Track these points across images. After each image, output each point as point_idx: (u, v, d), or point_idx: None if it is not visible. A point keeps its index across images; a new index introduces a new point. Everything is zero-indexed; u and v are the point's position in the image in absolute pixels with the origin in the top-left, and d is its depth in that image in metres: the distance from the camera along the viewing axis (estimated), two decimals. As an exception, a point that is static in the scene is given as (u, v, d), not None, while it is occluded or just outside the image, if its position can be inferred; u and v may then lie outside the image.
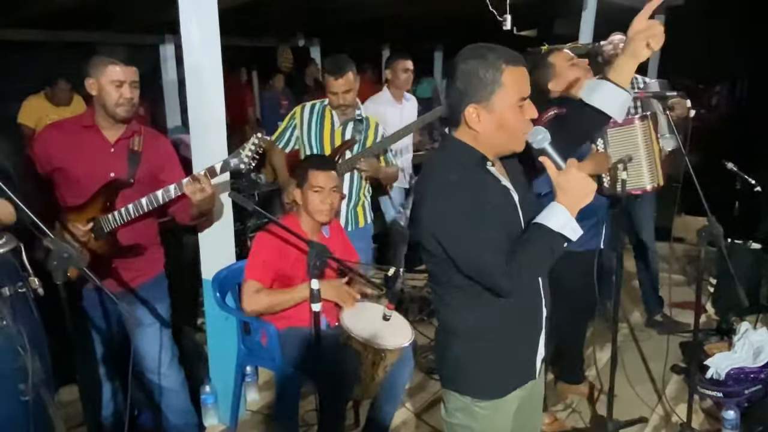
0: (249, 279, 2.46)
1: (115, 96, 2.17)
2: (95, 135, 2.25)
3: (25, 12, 4.65)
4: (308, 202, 2.49)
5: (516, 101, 1.43)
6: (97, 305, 2.37)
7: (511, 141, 1.48)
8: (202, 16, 2.46)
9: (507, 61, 1.42)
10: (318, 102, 3.15)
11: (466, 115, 1.45)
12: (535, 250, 1.40)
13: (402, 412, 2.91)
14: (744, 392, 2.83)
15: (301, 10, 5.53)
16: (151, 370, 2.44)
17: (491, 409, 1.59)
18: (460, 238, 1.43)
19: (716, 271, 4.03)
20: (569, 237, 1.38)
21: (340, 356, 2.27)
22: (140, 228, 2.31)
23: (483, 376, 1.58)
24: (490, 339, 1.55)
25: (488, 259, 1.40)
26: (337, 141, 3.07)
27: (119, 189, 2.23)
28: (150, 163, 2.30)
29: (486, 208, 1.43)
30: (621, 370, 2.95)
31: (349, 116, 3.09)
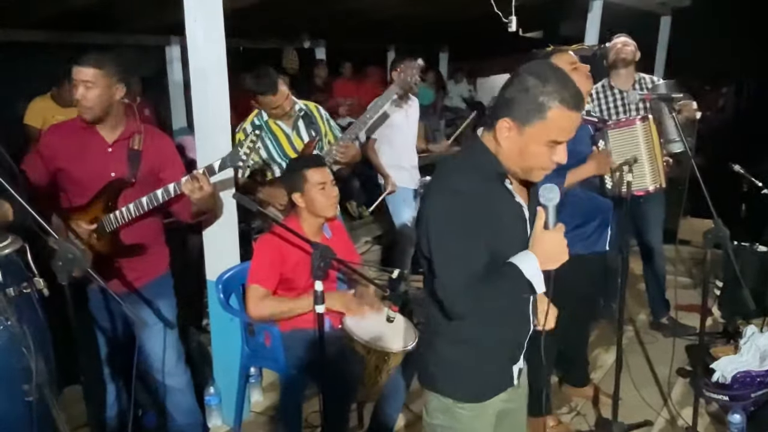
0: (253, 283, 2.45)
1: (77, 97, 2.17)
2: (93, 135, 2.25)
3: (32, 14, 4.68)
4: (314, 201, 2.48)
5: (549, 140, 1.40)
6: (101, 306, 2.38)
7: (525, 171, 1.46)
8: (207, 18, 2.47)
9: (562, 100, 1.37)
10: (254, 118, 3.09)
11: (500, 125, 1.43)
12: (500, 286, 1.42)
13: (406, 414, 2.91)
14: (750, 396, 2.82)
15: (307, 12, 5.53)
16: (157, 370, 2.45)
17: (472, 411, 1.60)
18: (440, 243, 1.43)
19: (723, 273, 4.01)
20: (534, 287, 1.39)
21: (344, 358, 2.27)
22: (143, 227, 2.32)
23: (464, 380, 1.59)
24: (472, 343, 1.56)
25: (452, 273, 1.41)
26: (299, 145, 3.04)
27: (121, 189, 2.24)
28: (151, 162, 2.30)
29: (485, 222, 1.42)
30: (626, 373, 2.94)
31: (293, 116, 3.05)
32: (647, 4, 5.87)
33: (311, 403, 2.75)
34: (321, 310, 1.94)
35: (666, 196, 3.49)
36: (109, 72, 2.16)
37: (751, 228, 4.02)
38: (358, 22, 6.08)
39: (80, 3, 4.30)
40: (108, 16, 4.98)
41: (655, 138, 2.64)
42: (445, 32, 7.82)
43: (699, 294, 2.44)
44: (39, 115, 4.88)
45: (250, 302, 2.45)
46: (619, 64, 3.52)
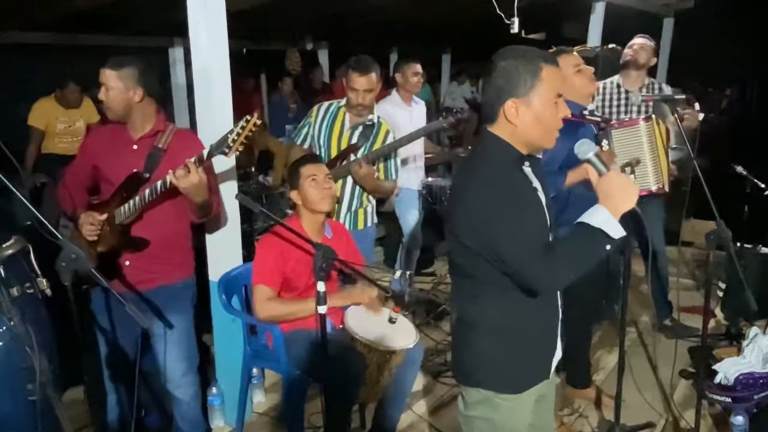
0: (259, 284, 2.45)
1: (99, 97, 2.28)
2: (121, 133, 2.34)
3: (36, 15, 4.70)
4: (307, 195, 2.50)
5: (552, 97, 1.51)
6: (104, 307, 2.38)
7: (545, 136, 1.55)
8: (210, 20, 2.47)
9: (545, 60, 1.50)
10: (335, 102, 3.18)
11: (506, 108, 1.51)
12: (575, 246, 1.45)
13: (408, 415, 2.91)
14: (753, 397, 2.81)
15: (310, 14, 5.55)
16: (164, 378, 2.43)
17: (512, 401, 1.63)
18: (500, 231, 1.46)
19: (725, 275, 4.00)
20: (610, 234, 1.41)
21: (346, 358, 2.27)
22: (161, 227, 2.32)
23: (505, 370, 1.62)
24: (512, 335, 1.60)
25: (527, 253, 1.44)
26: (344, 143, 3.08)
27: (137, 184, 2.26)
28: (173, 161, 2.27)
29: (521, 206, 1.49)
30: (629, 374, 2.94)
31: (361, 120, 3.08)
32: (650, 5, 5.87)
33: (313, 404, 2.75)
34: (323, 310, 1.94)
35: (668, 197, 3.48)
36: (126, 75, 2.23)
37: (754, 229, 4.01)
38: (361, 24, 6.10)
39: (84, 5, 4.32)
40: (111, 18, 5.00)
41: (659, 138, 2.63)
42: (447, 34, 7.83)
43: (702, 296, 2.43)
44: (42, 117, 4.91)
45: (257, 303, 2.45)
46: (630, 65, 3.55)
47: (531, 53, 1.52)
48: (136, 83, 2.24)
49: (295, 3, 4.68)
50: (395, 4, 5.09)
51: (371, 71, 2.98)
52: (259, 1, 4.40)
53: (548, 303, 1.65)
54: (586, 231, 1.43)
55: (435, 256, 5.11)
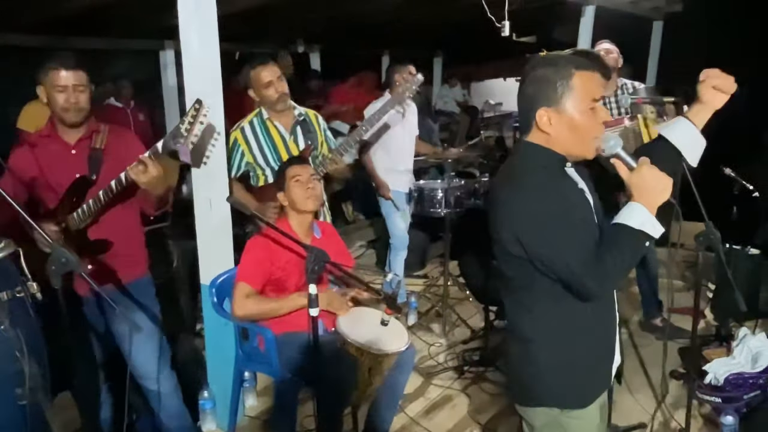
0: (240, 281, 2.46)
1: (60, 101, 2.17)
2: (55, 141, 2.28)
3: (26, 18, 4.67)
4: (291, 196, 2.52)
5: (587, 104, 1.46)
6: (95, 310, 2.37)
7: (583, 144, 1.49)
8: (201, 23, 2.47)
9: (577, 66, 1.45)
10: (254, 118, 3.00)
11: (537, 118, 1.48)
12: (620, 251, 1.40)
13: (401, 417, 2.91)
14: (743, 398, 2.83)
15: (301, 17, 5.55)
16: (139, 375, 2.42)
17: (581, 418, 1.56)
18: (547, 239, 1.43)
19: (715, 276, 4.03)
20: (651, 234, 1.39)
21: (338, 361, 2.27)
22: (115, 227, 2.30)
23: (569, 384, 1.55)
24: (572, 345, 1.54)
25: (576, 260, 1.40)
26: (293, 151, 2.98)
27: (85, 188, 2.23)
28: (114, 160, 2.28)
29: (569, 209, 1.45)
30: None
31: (290, 119, 3.00)
32: (639, 9, 5.91)
33: (305, 407, 2.74)
34: (315, 313, 1.94)
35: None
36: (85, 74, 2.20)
37: (743, 231, 4.04)
38: (353, 27, 6.10)
39: (74, 7, 4.30)
40: (102, 21, 4.98)
41: (645, 137, 2.65)
42: (438, 37, 7.85)
43: (692, 297, 2.45)
44: (32, 120, 4.87)
45: (235, 300, 2.47)
46: None
47: (563, 60, 1.48)
48: (89, 81, 2.22)
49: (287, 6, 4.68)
50: (387, 7, 5.10)
51: (267, 61, 2.93)
52: (250, 4, 4.40)
53: (606, 308, 1.59)
54: (628, 234, 1.40)
55: (427, 259, 5.12)
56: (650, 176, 1.40)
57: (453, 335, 3.80)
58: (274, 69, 2.91)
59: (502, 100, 9.21)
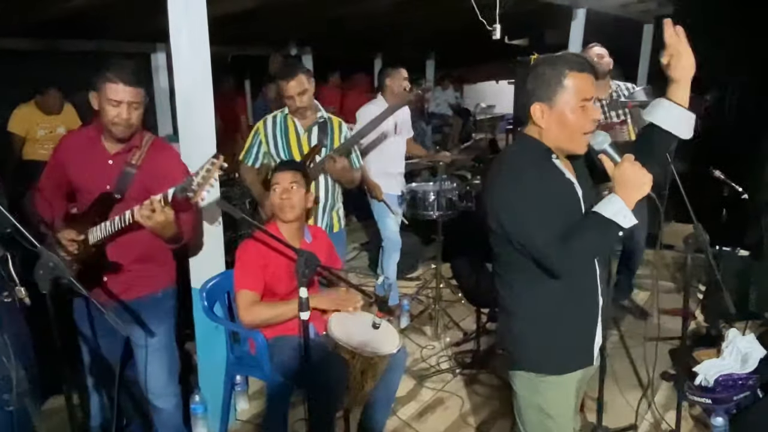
0: (242, 289, 2.45)
1: (111, 114, 2.12)
2: (97, 146, 2.24)
3: (16, 21, 4.65)
4: (272, 202, 2.53)
5: (577, 102, 1.58)
6: (84, 315, 2.35)
7: (573, 139, 1.62)
8: (191, 26, 2.47)
9: (571, 67, 1.58)
10: (279, 113, 3.14)
11: (532, 111, 1.62)
12: (587, 235, 1.54)
13: (393, 420, 2.91)
14: (733, 399, 2.85)
15: (293, 19, 5.55)
16: (148, 390, 2.39)
17: (557, 384, 1.71)
18: (519, 219, 1.58)
19: (705, 278, 4.06)
20: (621, 224, 1.50)
21: (329, 365, 2.27)
22: (135, 242, 2.24)
23: (545, 352, 1.70)
24: (547, 320, 1.68)
25: (542, 240, 1.54)
26: (305, 148, 3.07)
27: (110, 203, 2.20)
28: (145, 179, 2.23)
29: (547, 194, 1.57)
30: (610, 377, 2.96)
31: (311, 120, 3.08)
32: (630, 12, 5.95)
33: (297, 411, 2.74)
34: (306, 316, 1.94)
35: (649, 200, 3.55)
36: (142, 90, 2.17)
37: (732, 232, 4.07)
38: (345, 30, 6.11)
39: (65, 10, 4.28)
40: (93, 24, 4.96)
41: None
42: (431, 40, 7.87)
43: (682, 298, 2.46)
44: (22, 123, 4.85)
45: (242, 309, 2.44)
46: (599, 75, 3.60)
47: (560, 60, 1.60)
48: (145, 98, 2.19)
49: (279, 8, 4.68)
50: (379, 10, 5.11)
51: (297, 74, 2.96)
52: (242, 7, 4.39)
53: (585, 290, 1.70)
54: (598, 221, 1.52)
55: (419, 261, 5.12)
56: (630, 171, 1.51)
57: (445, 337, 3.81)
58: (297, 84, 2.96)
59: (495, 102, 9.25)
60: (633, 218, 1.51)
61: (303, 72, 2.98)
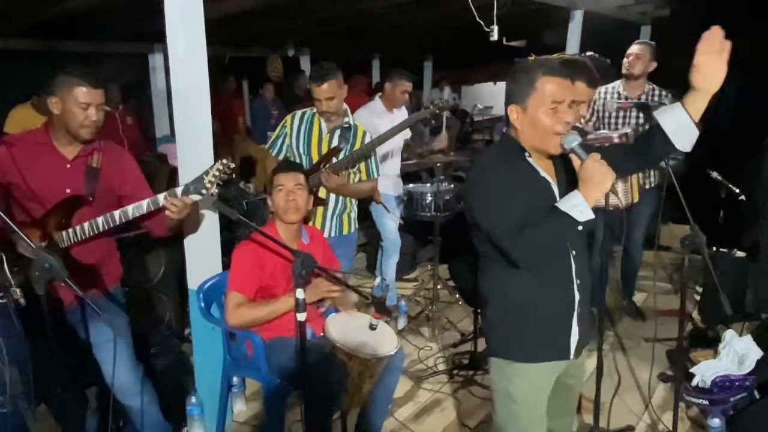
0: (232, 290, 2.45)
1: (80, 118, 2.12)
2: (51, 151, 2.21)
3: (13, 21, 4.64)
4: (275, 204, 2.52)
5: (548, 104, 1.64)
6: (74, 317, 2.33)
7: (545, 139, 1.68)
8: (188, 27, 2.46)
9: (544, 72, 1.65)
10: (308, 110, 3.18)
11: (509, 113, 1.72)
12: (541, 225, 1.59)
13: (390, 422, 2.91)
14: (729, 400, 2.85)
15: (291, 20, 5.55)
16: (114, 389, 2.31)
17: (524, 372, 1.76)
18: (485, 208, 1.67)
19: (702, 279, 4.06)
20: (576, 218, 1.56)
21: (326, 366, 2.27)
22: (95, 244, 2.25)
23: (513, 340, 1.77)
24: (518, 309, 1.75)
25: (501, 229, 1.62)
26: (324, 148, 3.10)
27: (77, 206, 2.18)
28: (109, 180, 2.26)
29: (514, 188, 1.65)
30: (607, 378, 2.96)
31: (336, 124, 3.11)
32: (627, 14, 5.96)
33: (294, 413, 2.73)
34: (302, 318, 1.94)
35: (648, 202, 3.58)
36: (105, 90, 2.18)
37: (729, 234, 4.08)
38: (343, 31, 6.11)
39: (62, 11, 4.28)
40: (90, 24, 4.95)
41: None
42: (428, 41, 7.87)
43: (679, 299, 2.46)
44: (19, 124, 4.83)
45: (228, 310, 2.45)
46: (627, 76, 3.71)
47: (535, 65, 1.68)
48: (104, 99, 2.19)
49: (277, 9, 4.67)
50: (377, 11, 5.11)
51: (328, 79, 2.97)
52: (240, 8, 4.39)
53: (557, 283, 1.74)
54: (554, 214, 1.58)
55: (417, 262, 5.12)
56: (593, 170, 1.56)
57: (443, 339, 3.80)
58: (327, 89, 2.98)
59: (492, 103, 9.24)
60: (590, 213, 1.56)
61: (335, 78, 2.99)
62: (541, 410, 1.83)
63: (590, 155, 1.58)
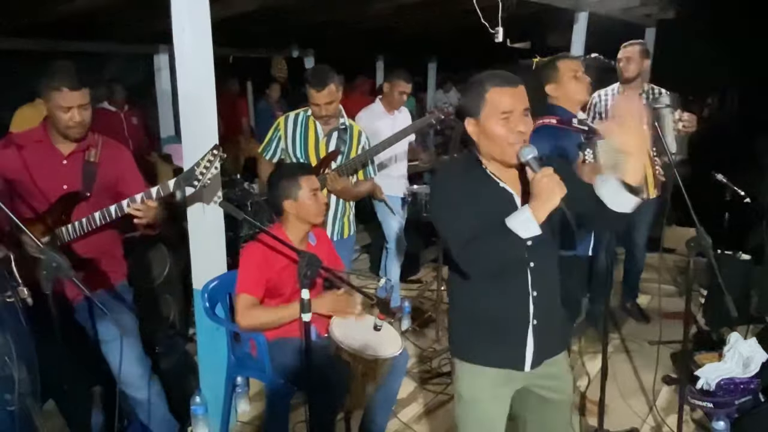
0: (242, 293, 2.44)
1: (64, 120, 2.15)
2: (47, 148, 2.24)
3: (19, 21, 4.66)
4: (306, 208, 2.48)
5: (499, 115, 1.64)
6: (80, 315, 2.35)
7: (502, 150, 1.67)
8: (194, 27, 2.47)
9: (493, 83, 1.65)
10: (301, 111, 3.14)
11: (466, 125, 1.72)
12: (487, 239, 1.61)
13: (394, 423, 2.91)
14: (734, 402, 2.85)
15: (296, 21, 5.56)
16: (121, 383, 2.37)
17: (470, 371, 1.79)
18: (441, 218, 1.72)
19: (707, 281, 4.06)
20: (520, 234, 1.57)
21: (330, 367, 2.27)
22: (98, 238, 2.28)
23: (466, 341, 1.81)
24: (473, 314, 1.79)
25: (452, 239, 1.66)
26: (322, 152, 3.07)
27: (75, 202, 2.21)
28: (107, 175, 2.29)
29: (465, 201, 1.66)
30: (612, 380, 2.95)
31: (333, 126, 3.09)
32: (632, 15, 5.95)
33: (298, 413, 2.74)
34: (308, 318, 1.94)
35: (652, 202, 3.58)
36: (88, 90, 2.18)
37: (734, 236, 4.07)
38: (347, 32, 6.12)
39: (68, 11, 4.29)
40: (96, 25, 4.97)
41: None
42: (433, 42, 7.87)
43: (684, 301, 2.46)
44: (25, 124, 4.82)
45: (239, 313, 2.44)
46: (623, 79, 3.68)
47: (485, 76, 1.67)
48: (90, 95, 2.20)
49: (282, 11, 4.69)
50: (381, 13, 5.12)
51: (328, 83, 2.93)
52: (245, 9, 4.40)
53: (512, 294, 1.74)
54: (500, 229, 1.59)
55: (421, 264, 5.12)
56: (543, 184, 1.56)
57: (446, 340, 3.80)
58: (327, 94, 2.94)
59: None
60: (536, 229, 1.56)
61: (333, 82, 2.96)
62: (490, 415, 1.81)
63: (543, 169, 1.56)
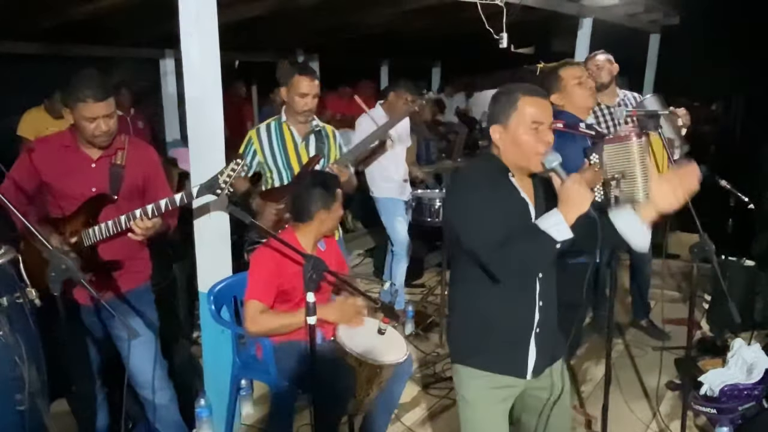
0: (251, 299, 2.43)
1: (90, 129, 2.18)
2: (76, 152, 2.28)
3: (26, 25, 4.70)
4: (334, 221, 2.58)
5: (529, 124, 1.68)
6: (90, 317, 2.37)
7: (526, 158, 1.71)
8: (202, 32, 2.49)
9: (524, 93, 1.71)
10: (272, 120, 3.07)
11: (491, 132, 1.76)
12: (520, 243, 1.62)
13: (397, 427, 2.91)
14: (738, 408, 2.84)
15: (301, 26, 5.59)
16: (139, 385, 2.41)
17: (474, 376, 1.80)
18: (464, 220, 1.70)
19: (711, 288, 4.05)
20: (555, 237, 1.58)
21: (335, 371, 2.28)
22: (122, 241, 2.29)
23: (471, 347, 1.81)
24: (480, 320, 1.79)
25: (481, 244, 1.65)
26: (303, 156, 3.02)
27: (102, 204, 2.24)
28: (134, 177, 2.32)
29: (496, 205, 1.68)
30: (615, 386, 2.96)
31: (306, 128, 3.04)
32: (636, 21, 5.97)
33: (302, 416, 2.75)
34: (313, 321, 1.95)
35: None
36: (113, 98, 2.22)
37: (738, 242, 4.07)
38: (352, 37, 6.14)
39: (74, 15, 4.33)
40: (102, 29, 5.01)
41: (659, 152, 2.67)
42: (437, 47, 7.89)
43: (688, 308, 2.46)
44: (32, 127, 4.90)
45: (248, 319, 2.44)
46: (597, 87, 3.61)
47: (515, 86, 1.72)
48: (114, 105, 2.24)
49: (287, 16, 4.72)
50: (386, 17, 5.14)
51: (316, 75, 2.97)
52: (251, 14, 4.43)
53: (521, 302, 1.77)
54: (533, 232, 1.62)
55: (425, 268, 5.13)
56: (573, 190, 1.60)
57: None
58: (314, 84, 2.95)
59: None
60: (568, 232, 1.58)
61: (310, 81, 2.95)
62: (494, 417, 1.83)
63: (571, 176, 1.61)
